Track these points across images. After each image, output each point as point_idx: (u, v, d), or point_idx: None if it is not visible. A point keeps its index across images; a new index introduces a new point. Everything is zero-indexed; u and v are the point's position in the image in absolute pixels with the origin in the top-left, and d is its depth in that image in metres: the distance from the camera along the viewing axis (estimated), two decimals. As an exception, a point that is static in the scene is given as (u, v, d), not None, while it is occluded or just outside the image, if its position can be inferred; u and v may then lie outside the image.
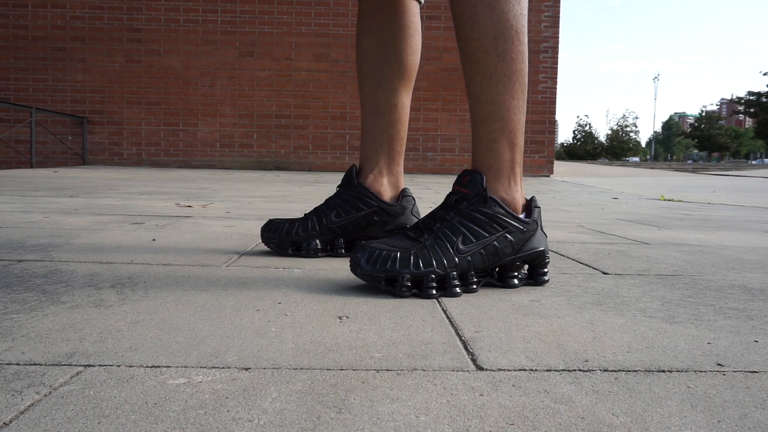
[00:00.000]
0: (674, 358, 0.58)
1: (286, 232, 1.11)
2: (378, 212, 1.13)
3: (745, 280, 0.99)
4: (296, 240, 1.11)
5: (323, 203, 1.14)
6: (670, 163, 43.55)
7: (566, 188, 4.86)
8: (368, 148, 1.17)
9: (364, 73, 1.18)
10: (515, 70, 0.90)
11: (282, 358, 0.55)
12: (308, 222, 1.12)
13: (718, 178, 10.45)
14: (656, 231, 1.75)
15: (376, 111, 1.17)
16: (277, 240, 1.12)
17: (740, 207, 3.08)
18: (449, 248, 0.83)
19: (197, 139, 7.57)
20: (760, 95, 50.17)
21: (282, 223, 1.13)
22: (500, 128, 0.91)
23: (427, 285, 0.81)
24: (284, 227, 1.12)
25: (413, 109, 7.60)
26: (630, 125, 67.74)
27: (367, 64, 1.17)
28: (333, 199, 1.14)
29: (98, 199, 2.40)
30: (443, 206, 0.89)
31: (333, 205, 1.13)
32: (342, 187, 1.16)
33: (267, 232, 1.14)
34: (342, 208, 1.13)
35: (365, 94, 1.18)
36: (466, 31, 0.90)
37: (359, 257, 0.82)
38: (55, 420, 0.41)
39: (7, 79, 7.43)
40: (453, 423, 0.42)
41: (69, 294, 0.77)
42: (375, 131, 1.17)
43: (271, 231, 1.13)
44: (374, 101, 1.17)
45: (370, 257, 0.81)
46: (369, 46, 1.16)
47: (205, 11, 7.46)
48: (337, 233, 1.13)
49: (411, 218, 1.16)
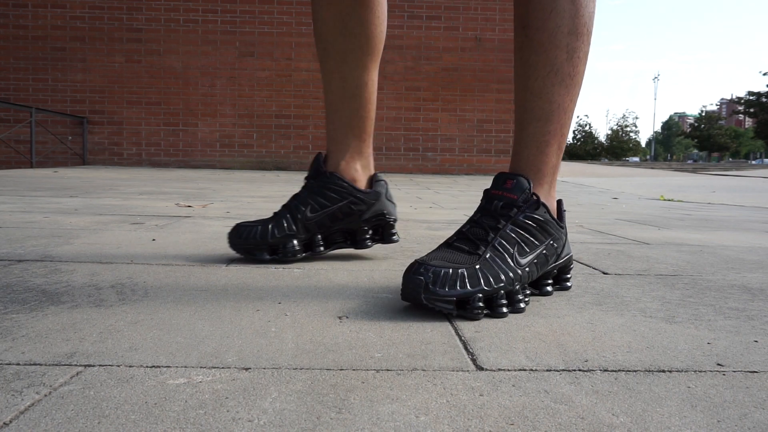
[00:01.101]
0: (674, 358, 0.58)
1: (260, 235, 1.00)
2: (354, 202, 1.05)
3: (745, 280, 0.99)
4: (273, 243, 1.01)
5: (293, 199, 1.04)
6: (670, 163, 43.56)
7: (566, 188, 4.86)
8: (337, 133, 1.07)
9: (327, 48, 1.04)
10: (578, 72, 0.85)
11: (282, 358, 0.55)
12: (282, 221, 1.01)
13: (717, 178, 10.45)
14: (656, 231, 1.75)
15: (344, 91, 1.06)
16: (251, 245, 1.00)
17: (740, 207, 3.08)
18: (509, 260, 0.76)
19: (197, 139, 7.57)
20: (760, 95, 50.19)
21: (253, 226, 1.01)
22: (555, 130, 0.85)
23: (497, 303, 0.72)
24: (257, 230, 1.00)
25: (413, 109, 7.61)
26: (630, 125, 67.76)
27: (331, 38, 1.04)
28: (304, 193, 1.04)
29: (98, 199, 2.40)
30: (489, 213, 0.80)
31: (306, 200, 1.03)
32: (311, 178, 1.05)
33: (237, 237, 1.01)
34: (316, 202, 1.03)
35: (329, 72, 1.06)
36: (542, 18, 0.82)
37: (422, 279, 0.69)
38: (55, 420, 0.41)
39: (7, 79, 7.42)
40: (453, 423, 0.42)
41: (69, 294, 0.77)
42: (343, 113, 1.06)
43: (242, 236, 1.01)
44: (341, 80, 1.05)
45: (437, 279, 0.69)
46: (331, 17, 1.02)
47: (205, 11, 7.46)
48: (314, 230, 1.03)
49: (386, 204, 1.08)
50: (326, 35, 1.04)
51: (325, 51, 1.05)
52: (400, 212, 2.23)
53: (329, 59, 1.05)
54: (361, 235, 1.08)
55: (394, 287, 0.86)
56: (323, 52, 1.06)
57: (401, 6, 7.50)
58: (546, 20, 0.82)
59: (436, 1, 7.47)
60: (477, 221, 0.81)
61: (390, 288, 0.86)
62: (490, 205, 0.81)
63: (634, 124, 67.96)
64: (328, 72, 1.06)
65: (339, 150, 1.07)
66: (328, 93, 1.07)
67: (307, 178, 1.06)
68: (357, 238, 1.08)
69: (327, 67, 1.06)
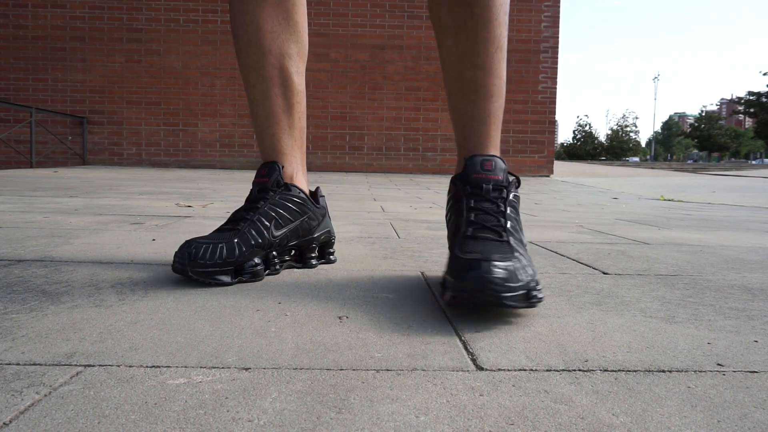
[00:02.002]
0: (674, 358, 0.58)
1: (227, 255, 0.83)
2: (311, 217, 0.99)
3: (745, 280, 0.99)
4: (240, 263, 0.86)
5: (250, 211, 0.92)
6: (670, 163, 43.58)
7: (566, 188, 4.86)
8: (282, 144, 0.99)
9: (263, 52, 0.95)
10: (505, 45, 0.88)
11: (282, 358, 0.55)
12: (248, 237, 0.87)
13: (717, 178, 10.45)
14: (656, 231, 1.75)
15: (287, 100, 0.98)
16: (211, 267, 0.82)
17: (740, 207, 3.08)
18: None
19: (197, 139, 7.57)
20: (760, 95, 50.18)
21: (210, 244, 0.83)
22: (503, 104, 0.89)
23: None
24: (220, 248, 0.83)
25: (413, 109, 7.61)
26: (630, 125, 67.77)
27: (268, 40, 0.94)
28: (264, 206, 0.92)
29: (98, 199, 2.40)
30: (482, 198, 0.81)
31: (269, 214, 0.92)
32: (268, 189, 0.94)
33: (191, 258, 0.81)
34: (280, 216, 0.93)
35: (266, 79, 0.96)
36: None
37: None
38: (55, 420, 0.41)
39: (7, 79, 7.43)
40: (453, 423, 0.42)
41: (69, 294, 0.77)
42: (285, 123, 0.99)
43: (199, 257, 0.82)
44: (282, 88, 0.97)
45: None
46: (264, 13, 0.94)
47: (205, 11, 7.46)
48: (273, 247, 0.92)
49: (329, 221, 1.04)
50: (262, 36, 0.94)
51: (261, 55, 0.95)
52: (401, 212, 2.23)
53: (266, 65, 0.96)
54: (309, 253, 1.00)
55: (394, 287, 0.86)
56: (258, 56, 0.95)
57: (401, 6, 7.50)
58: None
59: (436, 1, 7.47)
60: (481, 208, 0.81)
61: (390, 288, 0.86)
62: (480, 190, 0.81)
63: (634, 124, 67.94)
64: (266, 79, 0.96)
65: (288, 162, 0.99)
66: (267, 102, 0.98)
67: (263, 189, 0.94)
68: (304, 255, 1.00)
69: (264, 73, 0.96)
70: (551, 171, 7.74)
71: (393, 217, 2.03)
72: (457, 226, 0.81)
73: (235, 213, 0.93)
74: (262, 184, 0.95)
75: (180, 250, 0.83)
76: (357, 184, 4.56)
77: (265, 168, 0.96)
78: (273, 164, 0.96)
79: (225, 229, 0.89)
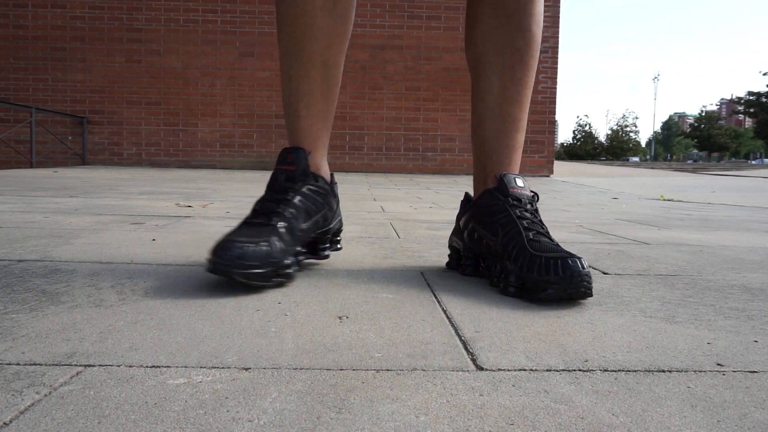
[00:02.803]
0: (674, 358, 0.58)
1: (269, 254, 0.77)
2: (331, 208, 0.95)
3: (745, 280, 0.99)
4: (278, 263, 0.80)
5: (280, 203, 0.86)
6: (670, 163, 43.56)
7: (566, 188, 4.86)
8: (314, 128, 0.95)
9: (312, 24, 0.91)
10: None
11: (282, 358, 0.55)
12: (283, 233, 0.82)
13: (717, 178, 10.45)
14: (656, 231, 1.75)
15: (327, 80, 0.95)
16: (257, 269, 0.77)
17: (740, 207, 3.08)
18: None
19: (197, 139, 7.56)
20: (759, 95, 50.17)
21: (249, 243, 0.77)
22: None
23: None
24: (263, 248, 0.77)
25: (413, 109, 7.60)
26: (630, 125, 67.75)
27: (318, 18, 0.91)
28: (294, 198, 0.87)
29: (98, 199, 2.40)
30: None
31: (300, 207, 0.87)
32: (295, 180, 0.89)
33: (238, 259, 0.75)
34: (308, 210, 0.88)
35: (311, 54, 0.92)
36: (533, 46, 0.97)
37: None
38: (55, 420, 0.41)
39: (7, 79, 7.42)
40: (453, 423, 0.42)
41: (69, 294, 0.77)
42: (321, 105, 0.95)
43: (245, 257, 0.75)
44: (325, 68, 0.94)
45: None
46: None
47: (205, 11, 7.46)
48: (300, 242, 0.88)
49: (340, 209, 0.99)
50: (311, 13, 0.90)
51: (309, 32, 0.91)
52: (401, 212, 2.23)
53: (313, 42, 0.92)
54: (322, 244, 0.97)
55: (394, 287, 0.86)
56: (306, 32, 0.91)
57: (401, 6, 7.50)
58: (536, 48, 0.98)
59: (436, 1, 7.47)
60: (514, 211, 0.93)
61: (390, 288, 0.86)
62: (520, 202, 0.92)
63: (634, 124, 67.95)
64: (308, 58, 0.92)
65: (316, 148, 0.95)
66: (304, 82, 0.93)
67: (290, 179, 0.90)
68: (317, 246, 0.96)
69: (308, 51, 0.92)
70: (551, 171, 7.74)
71: (393, 217, 2.03)
72: (507, 231, 0.88)
73: (262, 204, 0.87)
74: (289, 172, 0.90)
75: (221, 249, 0.75)
76: (357, 184, 4.56)
77: (290, 154, 0.91)
78: (299, 151, 0.91)
79: (256, 224, 0.84)
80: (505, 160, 0.98)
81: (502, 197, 0.92)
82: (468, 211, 0.98)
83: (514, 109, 0.98)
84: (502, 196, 0.92)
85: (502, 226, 0.89)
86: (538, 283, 0.78)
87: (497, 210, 0.91)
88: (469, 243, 0.96)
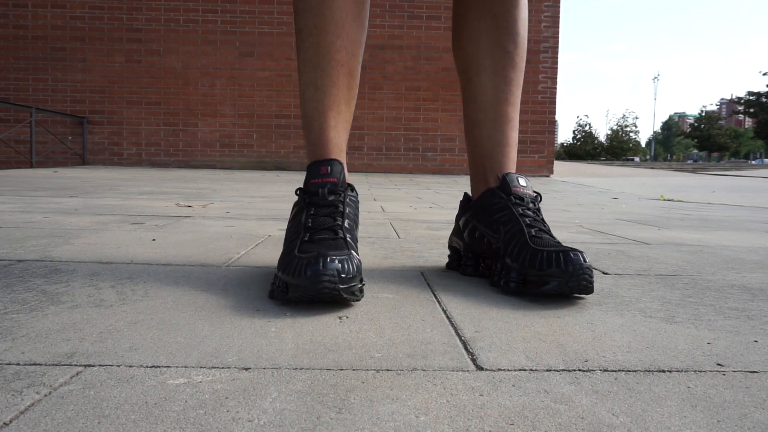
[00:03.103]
0: (674, 358, 0.58)
1: (357, 268, 0.74)
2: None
3: (745, 280, 0.99)
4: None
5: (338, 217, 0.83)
6: (670, 163, 43.56)
7: (566, 188, 4.86)
8: (341, 138, 0.93)
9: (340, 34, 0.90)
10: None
11: (282, 358, 0.55)
12: (353, 245, 0.80)
13: (717, 178, 10.44)
14: (656, 231, 1.75)
15: (350, 90, 0.93)
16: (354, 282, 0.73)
17: (740, 207, 3.08)
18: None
19: (197, 139, 7.57)
20: (759, 95, 50.18)
21: (340, 257, 0.72)
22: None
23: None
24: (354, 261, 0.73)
25: (413, 109, 7.60)
26: (630, 125, 67.75)
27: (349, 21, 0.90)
28: (346, 210, 0.86)
29: (98, 199, 2.40)
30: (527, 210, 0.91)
31: (352, 217, 0.86)
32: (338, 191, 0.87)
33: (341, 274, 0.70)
34: (354, 221, 0.87)
35: (339, 64, 0.91)
36: (523, 45, 1.00)
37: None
38: (55, 420, 0.41)
39: (7, 79, 7.42)
40: (453, 423, 0.42)
41: (69, 294, 0.77)
42: (345, 115, 0.94)
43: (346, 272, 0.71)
44: (349, 77, 0.92)
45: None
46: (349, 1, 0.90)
47: (205, 11, 7.46)
48: None
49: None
50: (340, 21, 0.89)
51: (338, 41, 0.89)
52: (401, 212, 2.23)
53: (342, 51, 0.90)
54: None
55: (395, 287, 0.86)
56: (336, 41, 0.89)
57: (401, 6, 7.50)
58: (524, 50, 1.01)
59: (436, 1, 7.47)
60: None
61: (390, 288, 0.86)
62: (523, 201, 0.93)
63: (634, 124, 67.95)
64: (336, 67, 0.90)
65: (343, 159, 0.93)
66: (331, 93, 0.91)
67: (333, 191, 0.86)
68: None
69: (335, 61, 0.90)
70: (551, 171, 7.74)
71: (393, 217, 2.03)
72: (509, 229, 0.88)
73: (316, 219, 0.83)
74: (331, 184, 0.86)
75: (318, 266, 0.69)
76: (357, 184, 4.56)
77: (325, 167, 0.88)
78: (335, 162, 0.88)
79: (324, 239, 0.80)
80: (503, 159, 1.00)
81: (504, 196, 0.93)
82: (468, 211, 0.99)
83: (508, 108, 1.00)
84: (504, 194, 0.93)
85: (504, 223, 0.89)
86: (540, 277, 0.78)
87: (499, 208, 0.92)
88: (469, 242, 0.96)
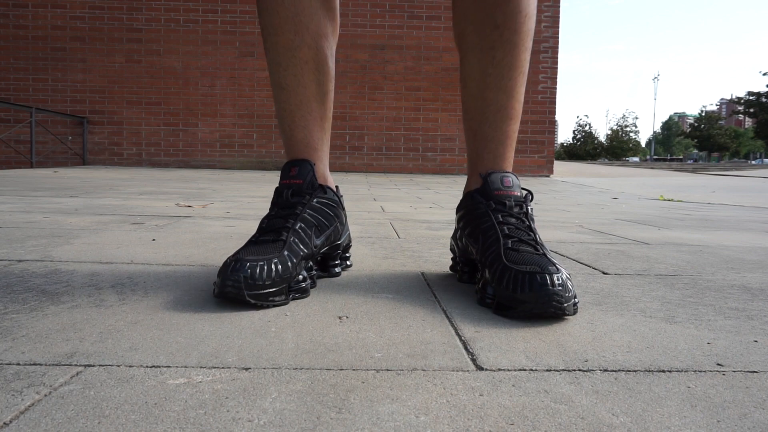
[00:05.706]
0: (674, 358, 0.58)
1: (282, 271, 0.73)
2: (341, 221, 0.91)
3: (745, 280, 0.99)
4: (294, 278, 0.76)
5: (290, 218, 0.82)
6: (670, 163, 43.57)
7: (566, 188, 4.86)
8: (314, 138, 0.90)
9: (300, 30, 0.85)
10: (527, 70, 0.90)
11: (282, 358, 0.55)
12: (296, 249, 0.78)
13: (717, 178, 10.44)
14: (656, 231, 1.75)
15: (321, 86, 0.89)
16: (270, 288, 0.72)
17: (740, 207, 3.08)
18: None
19: (197, 139, 7.56)
20: (759, 95, 50.16)
21: (260, 261, 0.72)
22: (518, 126, 0.91)
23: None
24: (275, 265, 0.73)
25: (413, 109, 7.60)
26: (630, 125, 67.75)
27: (306, 16, 0.85)
28: (305, 212, 0.83)
29: (98, 199, 2.40)
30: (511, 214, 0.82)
31: (310, 221, 0.83)
32: (303, 192, 0.84)
33: (249, 279, 0.70)
34: (319, 224, 0.84)
35: (302, 61, 0.87)
36: (519, 22, 0.83)
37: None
38: (55, 420, 0.41)
39: (7, 79, 7.42)
40: (453, 423, 0.42)
41: (69, 294, 0.77)
42: (317, 114, 0.90)
43: (256, 277, 0.71)
44: (317, 73, 0.88)
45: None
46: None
47: (205, 11, 7.46)
48: (313, 258, 0.84)
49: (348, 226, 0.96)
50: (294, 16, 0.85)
51: (297, 35, 0.85)
52: (401, 212, 2.23)
53: (302, 46, 0.86)
54: (332, 260, 0.91)
55: (395, 287, 0.86)
56: (293, 36, 0.85)
57: (401, 6, 7.50)
58: (522, 23, 0.84)
59: (436, 1, 7.47)
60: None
61: (390, 288, 0.86)
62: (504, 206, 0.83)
63: (634, 124, 67.94)
64: (300, 62, 0.87)
65: (319, 159, 0.90)
66: (297, 91, 0.88)
67: (297, 192, 0.85)
68: (327, 263, 0.91)
69: (300, 55, 0.86)
70: (551, 171, 7.74)
71: (393, 217, 2.03)
72: (487, 238, 0.80)
73: (269, 221, 0.82)
74: (296, 186, 0.85)
75: (230, 270, 0.70)
76: (357, 184, 4.56)
77: (294, 167, 0.86)
78: (305, 162, 0.86)
79: (265, 241, 0.79)
80: (488, 155, 0.88)
81: (483, 200, 0.84)
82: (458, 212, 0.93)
83: (499, 95, 0.86)
84: (483, 199, 0.84)
85: (483, 232, 0.82)
86: (509, 300, 0.70)
87: (479, 215, 0.84)
88: (461, 247, 0.90)
